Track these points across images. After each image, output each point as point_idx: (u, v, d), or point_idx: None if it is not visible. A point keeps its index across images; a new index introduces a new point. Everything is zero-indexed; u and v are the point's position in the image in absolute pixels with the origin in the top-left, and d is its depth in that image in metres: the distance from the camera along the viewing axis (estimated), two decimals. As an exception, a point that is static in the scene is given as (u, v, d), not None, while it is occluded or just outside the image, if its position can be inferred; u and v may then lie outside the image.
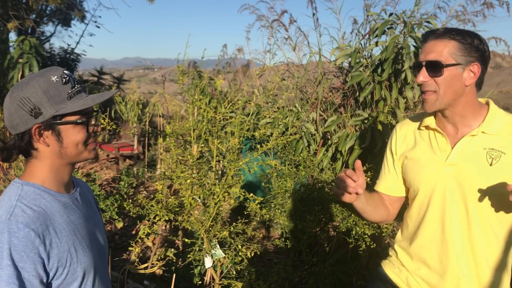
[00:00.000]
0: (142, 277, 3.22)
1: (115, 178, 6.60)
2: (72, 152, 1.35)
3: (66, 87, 1.31)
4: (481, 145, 1.58)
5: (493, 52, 4.21)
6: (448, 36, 1.55)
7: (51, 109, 1.28)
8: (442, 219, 1.66)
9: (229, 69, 7.24)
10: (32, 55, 6.22)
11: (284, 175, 2.76)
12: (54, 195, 1.33)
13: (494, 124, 1.58)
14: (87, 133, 1.36)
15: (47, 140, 1.31)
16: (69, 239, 1.30)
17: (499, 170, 1.54)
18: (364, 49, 3.40)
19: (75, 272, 1.30)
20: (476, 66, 1.55)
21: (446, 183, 1.64)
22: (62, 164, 1.36)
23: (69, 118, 1.31)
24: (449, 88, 1.56)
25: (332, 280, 2.85)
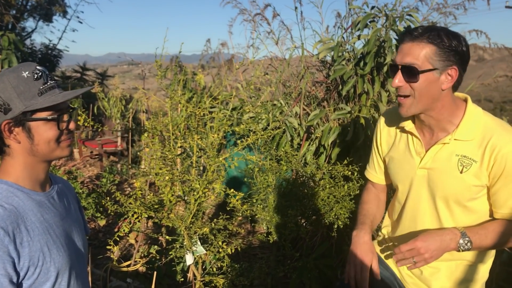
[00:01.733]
0: (125, 274, 3.18)
1: (99, 175, 6.52)
2: (44, 149, 1.31)
3: (38, 83, 1.28)
4: (453, 152, 1.59)
5: (474, 45, 4.23)
6: (425, 38, 1.49)
7: (20, 105, 1.25)
8: (415, 217, 1.73)
9: (213, 64, 7.18)
10: (12, 51, 6.11)
11: (266, 170, 2.74)
12: (28, 193, 1.30)
13: (468, 130, 1.57)
14: (59, 130, 1.32)
15: (18, 137, 1.28)
16: (42, 238, 1.27)
17: (469, 178, 1.55)
18: (347, 43, 3.39)
19: (47, 272, 1.27)
20: (454, 70, 1.51)
21: (420, 185, 1.68)
22: (36, 161, 1.33)
23: (40, 115, 1.28)
24: (425, 93, 1.53)
25: (315, 274, 2.84)
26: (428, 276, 1.72)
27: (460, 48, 1.49)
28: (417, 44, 1.50)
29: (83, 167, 7.26)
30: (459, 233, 1.50)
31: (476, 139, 1.55)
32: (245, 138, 2.05)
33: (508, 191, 1.52)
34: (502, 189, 1.53)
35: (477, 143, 1.54)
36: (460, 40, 1.50)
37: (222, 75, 5.76)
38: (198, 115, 2.11)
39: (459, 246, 1.50)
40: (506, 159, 1.48)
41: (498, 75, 3.92)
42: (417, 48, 1.50)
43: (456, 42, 1.49)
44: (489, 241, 1.53)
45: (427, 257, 1.47)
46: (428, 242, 1.48)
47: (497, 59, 25.67)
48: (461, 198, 1.58)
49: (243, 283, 2.17)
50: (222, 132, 2.07)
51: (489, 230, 1.54)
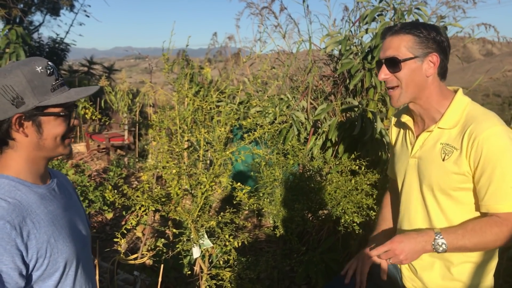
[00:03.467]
0: (132, 267, 3.20)
1: (106, 168, 6.56)
2: (50, 144, 1.32)
3: (50, 78, 1.29)
4: (438, 140, 1.62)
5: (483, 39, 4.19)
6: (403, 31, 1.57)
7: (34, 99, 1.25)
8: (408, 207, 1.77)
9: (220, 58, 7.17)
10: (19, 45, 6.12)
11: (273, 164, 2.74)
12: (29, 186, 1.31)
13: (451, 118, 1.60)
14: (67, 127, 1.34)
15: (26, 130, 1.28)
16: (48, 229, 1.28)
17: (450, 165, 1.57)
18: (354, 36, 3.37)
19: (56, 263, 1.28)
20: (435, 56, 1.57)
21: (411, 174, 1.73)
22: (38, 156, 1.34)
23: (52, 110, 1.29)
24: (410, 81, 1.59)
25: (322, 268, 2.84)
26: (419, 272, 1.73)
27: (439, 37, 1.57)
28: (396, 37, 1.59)
29: (90, 160, 7.29)
30: (433, 235, 1.51)
31: (458, 127, 1.58)
32: (252, 132, 2.05)
33: (488, 179, 1.50)
34: (482, 178, 1.52)
35: (459, 131, 1.57)
36: (439, 31, 1.58)
37: (228, 69, 5.75)
38: (205, 109, 2.11)
39: (433, 247, 1.50)
40: (482, 145, 1.48)
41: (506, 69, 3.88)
42: (396, 40, 1.58)
43: (434, 32, 1.57)
44: (467, 241, 1.50)
45: (402, 259, 1.50)
46: (403, 243, 1.50)
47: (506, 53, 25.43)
48: (444, 186, 1.60)
49: (250, 276, 2.18)
50: (229, 126, 2.07)
51: (467, 230, 1.51)
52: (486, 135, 1.48)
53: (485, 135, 1.49)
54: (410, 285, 1.79)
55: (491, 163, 1.48)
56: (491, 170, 1.49)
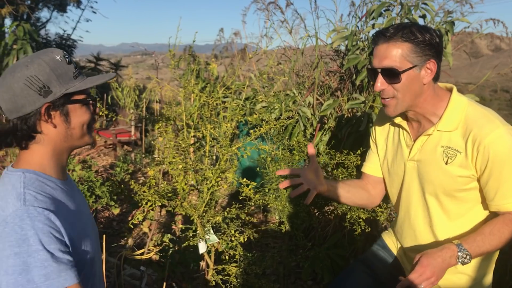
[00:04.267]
0: (138, 262, 3.22)
1: (112, 164, 6.59)
2: (77, 133, 1.31)
3: (71, 66, 1.29)
4: (438, 143, 1.60)
5: (491, 34, 4.15)
6: (399, 37, 1.49)
7: (60, 87, 1.24)
8: (408, 209, 1.76)
9: (226, 54, 7.16)
10: (27, 41, 6.15)
11: (279, 160, 2.74)
12: (54, 181, 1.29)
13: (450, 120, 1.57)
14: (92, 114, 1.35)
15: (54, 121, 1.26)
16: (76, 224, 1.27)
17: (454, 169, 1.56)
18: (361, 32, 3.36)
19: (83, 258, 1.27)
20: (432, 63, 1.53)
21: (410, 177, 1.71)
22: (64, 148, 1.32)
23: (78, 97, 1.29)
24: (408, 91, 1.54)
25: (328, 263, 2.84)
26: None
27: (434, 40, 1.51)
28: (393, 45, 1.50)
29: (97, 156, 7.33)
30: (455, 248, 1.48)
31: (459, 130, 1.56)
32: (258, 128, 2.05)
33: (497, 181, 1.51)
34: (490, 180, 1.52)
35: (460, 134, 1.55)
36: (432, 32, 1.52)
37: (235, 65, 5.74)
38: (212, 105, 2.11)
39: (459, 261, 1.48)
40: (488, 150, 1.48)
41: (515, 64, 3.84)
42: (393, 49, 1.50)
43: (429, 35, 1.50)
44: (488, 245, 1.50)
45: (433, 281, 1.46)
46: (432, 265, 1.47)
47: (515, 49, 25.15)
48: (449, 189, 1.59)
49: (256, 271, 2.19)
50: (235, 122, 2.08)
51: (485, 234, 1.51)
52: (491, 139, 1.47)
53: (490, 139, 1.47)
54: None
55: (499, 165, 1.48)
56: (499, 172, 1.49)
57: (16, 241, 1.09)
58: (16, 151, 1.37)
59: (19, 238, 1.09)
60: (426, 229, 1.71)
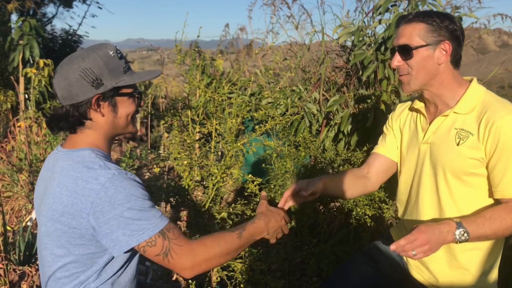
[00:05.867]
0: (143, 258, 3.23)
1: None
2: (123, 123, 1.44)
3: (121, 61, 1.40)
4: (452, 125, 1.64)
5: (499, 29, 4.11)
6: (416, 19, 1.61)
7: (111, 81, 1.36)
8: (418, 193, 1.76)
9: (232, 50, 7.15)
10: (33, 37, 6.16)
11: (284, 156, 2.73)
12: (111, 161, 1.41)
13: (467, 104, 1.62)
14: (137, 107, 1.47)
15: (103, 110, 1.38)
16: None
17: (464, 150, 1.58)
18: (368, 27, 3.34)
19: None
20: (447, 44, 1.59)
21: (423, 160, 1.73)
22: (112, 134, 1.45)
23: (126, 91, 1.41)
24: (421, 68, 1.62)
25: (333, 260, 2.84)
26: (426, 261, 1.74)
27: (451, 26, 1.59)
28: (409, 25, 1.62)
29: (103, 151, 7.34)
30: (454, 224, 1.48)
31: (474, 113, 1.60)
32: (264, 124, 2.04)
33: (504, 166, 1.51)
34: (498, 164, 1.53)
35: (475, 117, 1.59)
36: (452, 19, 1.61)
37: (240, 60, 5.73)
38: (217, 101, 2.10)
39: (455, 238, 1.47)
40: (500, 132, 1.50)
41: (523, 60, 3.80)
42: (409, 28, 1.61)
43: (447, 21, 1.59)
44: (488, 229, 1.49)
45: (426, 249, 1.45)
46: (428, 233, 1.46)
47: (522, 45, 24.94)
48: (457, 170, 1.61)
49: (261, 267, 2.18)
50: (241, 117, 2.07)
51: (486, 218, 1.50)
52: (504, 122, 1.50)
53: (502, 122, 1.50)
54: (417, 274, 1.81)
55: (508, 150, 1.50)
56: (508, 156, 1.50)
57: (124, 198, 1.25)
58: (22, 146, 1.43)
59: (125, 195, 1.25)
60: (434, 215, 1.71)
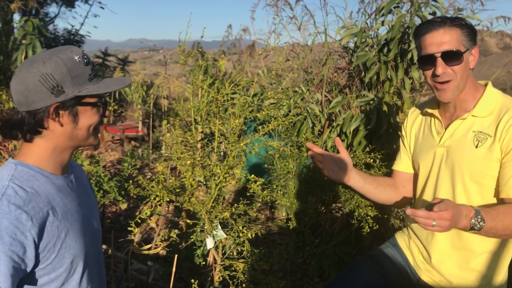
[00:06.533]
0: (146, 257, 3.24)
1: (120, 159, 6.61)
2: (83, 134, 1.32)
3: (87, 68, 1.29)
4: (470, 128, 1.63)
5: (501, 32, 4.12)
6: (454, 24, 1.57)
7: (73, 89, 1.25)
8: (434, 197, 1.73)
9: (234, 50, 7.16)
10: (35, 36, 6.18)
11: (286, 156, 2.73)
12: (48, 177, 1.29)
13: (486, 107, 1.62)
14: (101, 117, 1.35)
15: (62, 120, 1.27)
16: (60, 224, 1.26)
17: (483, 152, 1.57)
18: (370, 29, 3.34)
19: (63, 258, 1.26)
20: (476, 48, 1.62)
21: (439, 164, 1.71)
22: (68, 146, 1.33)
23: (89, 100, 1.29)
24: (464, 74, 1.60)
25: (334, 261, 2.84)
26: (437, 264, 1.73)
27: (475, 30, 1.61)
28: (448, 30, 1.57)
29: (104, 151, 7.36)
30: (473, 210, 1.42)
31: (493, 115, 1.60)
32: (267, 124, 2.04)
33: None
34: (509, 164, 1.52)
35: (493, 119, 1.59)
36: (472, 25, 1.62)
37: (243, 61, 5.74)
38: (220, 101, 2.11)
39: (472, 224, 1.40)
40: None
41: (525, 63, 3.80)
42: (449, 33, 1.57)
43: (470, 24, 1.60)
44: (500, 223, 1.44)
45: (447, 225, 1.34)
46: (455, 210, 1.36)
47: (524, 47, 24.90)
48: (475, 173, 1.59)
49: (263, 267, 2.19)
50: (243, 118, 2.07)
51: (500, 211, 1.47)
52: None
53: None
54: (427, 277, 1.79)
55: None
56: None
57: None
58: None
59: None
60: None
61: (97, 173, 4.14)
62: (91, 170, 4.23)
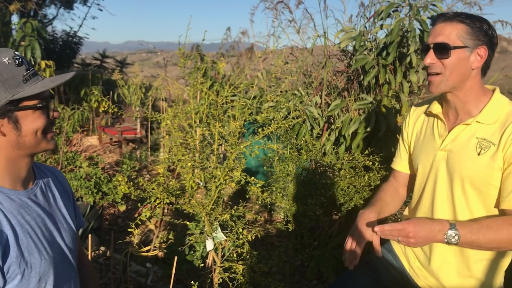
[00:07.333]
0: (144, 259, 3.24)
1: (118, 161, 6.61)
2: (30, 141, 1.22)
3: (21, 69, 1.18)
4: (474, 134, 1.60)
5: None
6: (457, 19, 1.55)
7: (6, 93, 1.14)
8: (432, 201, 1.73)
9: (232, 53, 7.18)
10: (34, 38, 6.19)
11: (286, 159, 2.74)
12: (7, 193, 1.21)
13: (491, 114, 1.58)
14: (47, 119, 1.24)
15: (2, 129, 1.17)
16: (23, 242, 1.18)
17: (485, 160, 1.55)
18: (369, 32, 3.36)
19: (29, 278, 1.18)
20: (484, 50, 1.55)
21: (438, 167, 1.69)
22: (19, 156, 1.23)
23: (28, 103, 1.18)
24: (455, 70, 1.56)
25: (333, 263, 2.85)
26: (436, 269, 1.72)
27: (490, 31, 1.56)
28: (449, 24, 1.56)
29: (103, 153, 7.35)
30: (447, 225, 1.46)
31: (498, 124, 1.56)
32: (266, 127, 2.05)
33: None
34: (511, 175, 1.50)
35: (498, 127, 1.56)
36: (490, 24, 1.58)
37: (241, 64, 5.75)
38: (219, 103, 2.12)
39: (446, 238, 1.44)
40: None
41: (523, 67, 3.83)
42: (449, 28, 1.56)
43: (486, 25, 1.55)
44: (482, 236, 1.45)
45: (412, 242, 1.44)
46: (419, 227, 1.44)
47: (521, 51, 24.94)
48: (476, 180, 1.57)
49: (263, 269, 2.20)
50: (242, 120, 2.08)
51: (483, 225, 1.47)
52: None
53: None
54: (424, 283, 1.78)
55: None
56: None
57: None
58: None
59: None
60: None
61: (96, 175, 4.14)
62: (90, 172, 4.22)
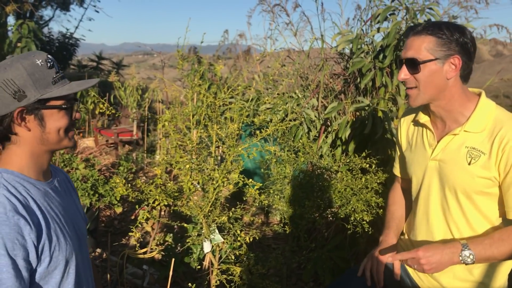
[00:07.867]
0: (141, 261, 3.23)
1: (114, 163, 6.59)
2: (53, 138, 1.32)
3: (51, 71, 1.29)
4: (463, 143, 1.60)
5: (494, 39, 4.18)
6: (425, 32, 1.56)
7: (36, 92, 1.25)
8: (427, 210, 1.74)
9: (229, 55, 7.19)
10: (31, 39, 6.18)
11: (283, 161, 2.75)
12: (33, 183, 1.31)
13: (479, 122, 1.58)
14: (70, 119, 1.35)
15: (28, 124, 1.28)
16: (51, 227, 1.28)
17: (476, 170, 1.55)
18: (366, 35, 3.38)
19: (57, 260, 1.28)
20: (457, 59, 1.55)
21: (431, 177, 1.70)
22: (42, 150, 1.33)
23: (54, 103, 1.30)
24: (429, 83, 1.58)
25: (330, 265, 2.86)
26: (438, 275, 1.71)
27: (462, 39, 1.54)
28: (418, 38, 1.57)
29: (99, 155, 7.33)
30: (460, 246, 1.48)
31: (486, 131, 1.56)
32: (264, 129, 2.06)
33: None
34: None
35: (487, 135, 1.55)
36: (463, 32, 1.55)
37: (238, 66, 5.76)
38: (217, 105, 2.12)
39: (462, 260, 1.47)
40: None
41: (518, 70, 3.86)
42: (417, 41, 1.57)
43: (458, 33, 1.53)
44: (496, 250, 1.47)
45: (426, 269, 1.47)
46: (429, 253, 1.47)
47: (516, 55, 25.12)
48: (468, 190, 1.58)
49: (260, 271, 2.20)
50: (240, 122, 2.09)
51: (494, 239, 1.49)
52: None
53: None
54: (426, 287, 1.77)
55: None
56: None
57: None
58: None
59: None
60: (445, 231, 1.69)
61: (93, 177, 4.13)
62: (87, 174, 4.22)
